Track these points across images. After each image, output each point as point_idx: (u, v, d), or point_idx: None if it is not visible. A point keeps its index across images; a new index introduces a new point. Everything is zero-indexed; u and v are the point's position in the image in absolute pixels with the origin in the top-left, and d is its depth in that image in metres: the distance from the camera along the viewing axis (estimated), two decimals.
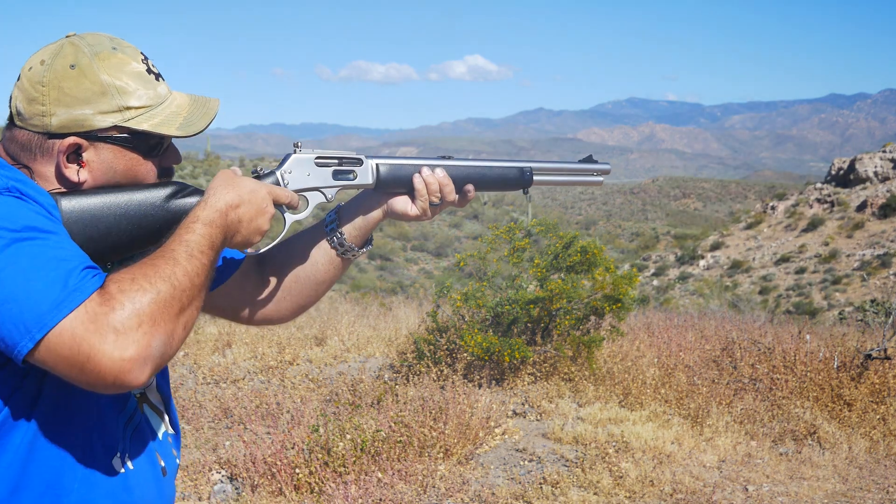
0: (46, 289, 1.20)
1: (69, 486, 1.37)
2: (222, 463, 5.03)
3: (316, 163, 1.63)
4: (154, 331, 1.23)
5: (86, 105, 1.39)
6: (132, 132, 1.43)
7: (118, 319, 1.20)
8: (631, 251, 52.97)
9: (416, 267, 38.02)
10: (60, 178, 1.41)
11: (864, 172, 43.16)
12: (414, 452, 5.07)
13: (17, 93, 1.42)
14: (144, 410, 1.53)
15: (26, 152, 1.41)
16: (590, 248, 7.25)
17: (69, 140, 1.39)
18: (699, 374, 7.06)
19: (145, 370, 1.22)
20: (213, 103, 1.53)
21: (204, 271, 1.33)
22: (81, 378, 1.21)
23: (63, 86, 1.38)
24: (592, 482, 4.99)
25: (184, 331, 1.29)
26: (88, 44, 1.42)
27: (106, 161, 1.43)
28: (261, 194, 1.47)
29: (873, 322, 9.56)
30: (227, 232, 1.42)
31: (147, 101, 1.44)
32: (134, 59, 1.44)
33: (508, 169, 1.77)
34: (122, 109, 1.41)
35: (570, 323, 7.02)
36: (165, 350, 1.25)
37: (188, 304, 1.29)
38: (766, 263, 40.71)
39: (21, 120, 1.41)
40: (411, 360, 7.07)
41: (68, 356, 1.19)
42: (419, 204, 1.69)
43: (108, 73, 1.40)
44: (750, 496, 5.06)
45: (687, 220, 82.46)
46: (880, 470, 5.67)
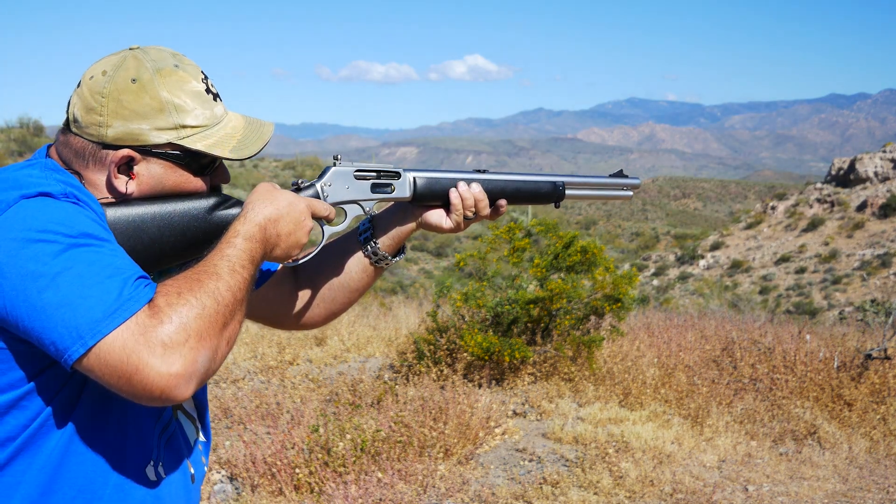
0: (102, 296, 1.20)
1: (101, 491, 1.37)
2: (222, 463, 5.03)
3: (355, 176, 1.65)
4: (200, 346, 1.23)
5: (143, 120, 1.40)
6: (185, 150, 1.44)
7: (166, 333, 1.21)
8: (631, 251, 52.96)
9: (416, 267, 38.01)
10: (109, 187, 1.42)
11: (864, 172, 43.16)
12: (414, 452, 5.06)
13: (76, 99, 1.43)
14: (179, 418, 1.54)
15: (79, 159, 1.42)
16: (590, 248, 7.25)
17: (123, 152, 1.40)
18: (699, 374, 7.06)
19: (190, 385, 1.23)
20: (267, 128, 1.55)
21: (245, 285, 1.34)
22: (127, 389, 1.21)
23: (122, 99, 1.39)
24: (592, 482, 4.99)
25: (227, 346, 1.30)
26: (151, 59, 1.43)
27: (156, 175, 1.44)
28: (299, 208, 1.48)
29: (873, 322, 9.56)
30: (267, 246, 1.42)
31: (203, 120, 1.44)
32: (194, 78, 1.45)
33: (542, 183, 1.79)
34: (178, 127, 1.42)
35: (570, 323, 7.02)
36: (210, 365, 1.26)
37: (230, 319, 1.30)
38: (766, 263, 40.71)
39: (77, 127, 1.42)
40: (411, 360, 7.07)
41: (117, 367, 1.20)
42: (454, 218, 1.70)
43: (167, 90, 1.41)
44: (750, 496, 5.06)
45: (687, 220, 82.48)
46: (880, 470, 5.67)
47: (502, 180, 1.75)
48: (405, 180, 1.68)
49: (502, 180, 1.75)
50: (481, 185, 1.72)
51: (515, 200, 1.77)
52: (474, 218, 1.72)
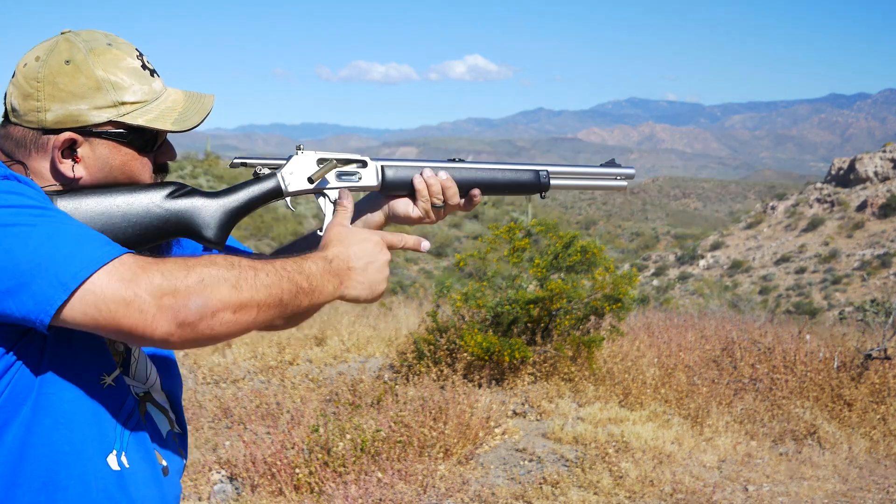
0: (84, 241, 1.22)
1: (65, 482, 1.36)
2: (222, 463, 5.03)
3: (318, 163, 1.61)
4: (198, 288, 1.23)
5: (80, 100, 1.39)
6: (127, 127, 1.42)
7: (167, 267, 1.22)
8: (631, 251, 52.97)
9: (416, 267, 38.00)
10: (56, 173, 1.41)
11: (864, 172, 43.16)
12: (414, 452, 5.06)
13: (11, 89, 1.42)
14: (148, 409, 1.51)
15: (21, 149, 1.41)
16: (590, 247, 7.25)
17: (64, 135, 1.39)
18: (699, 374, 7.06)
19: (173, 323, 1.22)
20: (207, 99, 1.53)
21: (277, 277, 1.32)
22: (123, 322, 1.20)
23: (58, 81, 1.38)
24: (592, 482, 4.99)
25: (233, 313, 1.26)
26: (84, 40, 1.42)
27: (101, 156, 1.42)
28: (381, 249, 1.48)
29: (873, 322, 9.56)
30: (341, 282, 1.42)
31: (142, 96, 1.43)
32: (129, 55, 1.44)
33: (522, 172, 1.73)
34: (117, 105, 1.41)
35: (570, 323, 7.02)
36: (202, 314, 1.23)
37: (246, 288, 1.27)
38: (766, 263, 40.71)
39: (16, 116, 1.41)
40: (411, 360, 7.07)
41: (114, 298, 1.19)
42: (420, 206, 1.67)
43: (102, 68, 1.40)
44: (750, 496, 5.06)
45: (687, 220, 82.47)
46: (880, 470, 5.67)
47: (476, 169, 1.70)
48: (372, 168, 1.64)
49: (476, 169, 1.70)
50: (452, 174, 1.68)
51: (493, 191, 1.71)
52: (445, 207, 1.67)
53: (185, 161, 45.84)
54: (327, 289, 1.39)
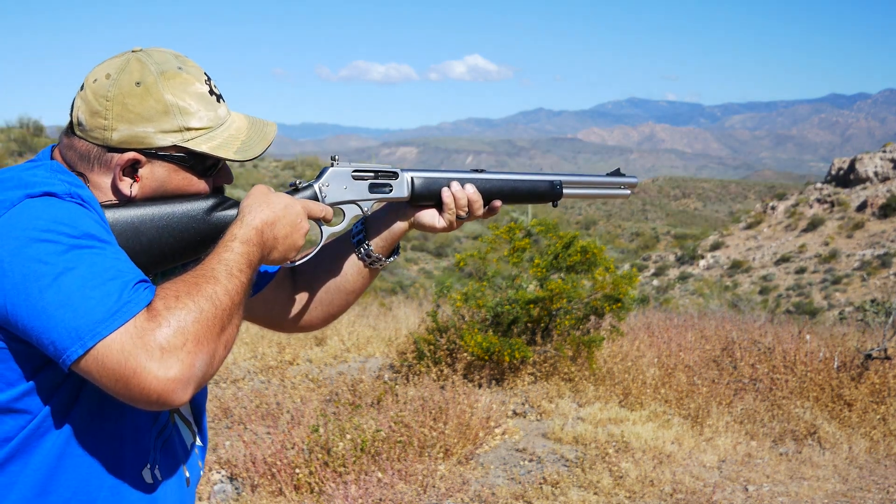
0: (102, 298, 1.21)
1: (96, 494, 1.37)
2: (222, 463, 5.03)
3: (353, 176, 1.65)
4: (198, 350, 1.23)
5: (148, 123, 1.40)
6: (190, 153, 1.44)
7: (164, 337, 1.21)
8: (631, 251, 52.96)
9: (416, 267, 38.01)
10: (114, 189, 1.43)
11: (864, 172, 43.17)
12: (414, 452, 5.06)
13: (79, 103, 1.43)
14: (175, 422, 1.54)
15: (84, 161, 1.42)
16: (590, 248, 7.25)
17: (128, 155, 1.40)
18: (699, 374, 7.06)
19: (188, 390, 1.23)
20: (270, 128, 1.55)
21: (242, 289, 1.34)
22: (124, 393, 1.22)
23: (127, 102, 1.39)
24: (592, 482, 4.99)
25: (224, 350, 1.30)
26: (155, 61, 1.43)
27: (160, 178, 1.44)
28: (295, 210, 1.48)
29: (873, 322, 9.56)
30: (264, 249, 1.43)
31: (207, 122, 1.44)
32: (198, 80, 1.45)
33: (540, 183, 1.78)
34: (183, 130, 1.42)
35: (570, 323, 7.02)
36: (207, 370, 1.26)
37: (228, 323, 1.30)
38: (766, 263, 40.71)
39: (81, 130, 1.42)
40: (411, 360, 7.07)
41: (115, 369, 1.20)
42: (446, 217, 1.69)
43: (171, 92, 1.41)
44: (750, 496, 5.06)
45: (687, 220, 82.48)
46: (880, 470, 5.67)
47: (499, 180, 1.75)
48: (403, 180, 1.67)
49: (499, 180, 1.75)
50: (477, 185, 1.71)
51: (512, 200, 1.77)
52: (467, 217, 1.71)
53: None
54: (259, 263, 1.42)
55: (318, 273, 1.75)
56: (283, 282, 1.76)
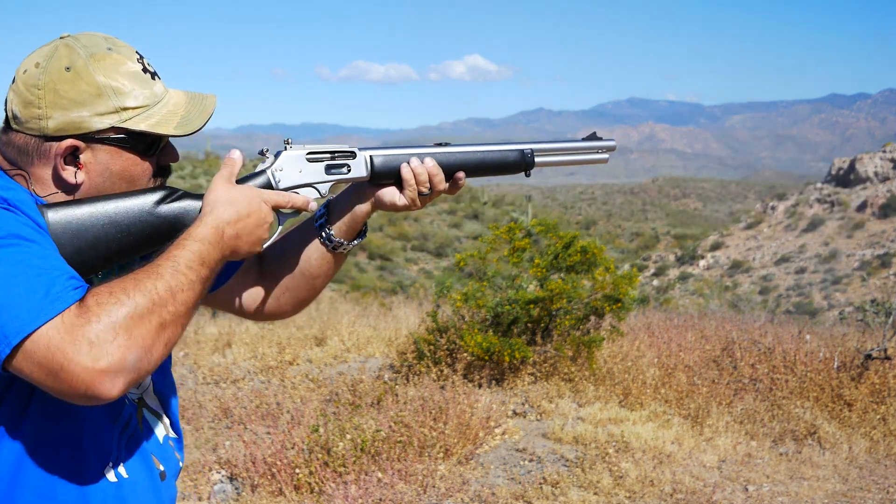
0: (27, 295, 1.19)
1: (62, 497, 1.37)
2: (222, 463, 5.03)
3: (307, 158, 1.60)
4: (129, 344, 1.21)
5: (82, 107, 1.38)
6: (129, 133, 1.41)
7: (93, 331, 1.19)
8: (631, 251, 52.96)
9: (416, 267, 38.01)
10: (58, 180, 1.40)
11: (864, 172, 43.18)
12: (414, 452, 5.06)
13: (12, 96, 1.41)
14: (144, 415, 1.52)
15: (23, 156, 1.40)
16: (590, 248, 7.25)
17: (66, 143, 1.38)
18: (699, 374, 7.06)
19: (117, 382, 1.20)
20: (209, 100, 1.52)
21: (190, 287, 1.31)
22: (55, 386, 1.20)
23: (59, 88, 1.37)
24: (592, 482, 4.99)
25: (164, 347, 1.27)
26: (83, 45, 1.41)
27: (103, 162, 1.42)
28: (259, 206, 1.45)
29: (873, 322, 9.55)
30: (224, 248, 1.40)
31: (143, 100, 1.42)
32: (129, 59, 1.43)
33: (508, 153, 1.71)
34: (119, 110, 1.40)
35: (570, 323, 7.02)
36: (141, 364, 1.23)
37: (170, 321, 1.27)
38: (766, 263, 40.72)
39: (17, 123, 1.40)
40: (411, 360, 7.07)
41: (42, 363, 1.18)
42: (407, 194, 1.64)
43: (103, 74, 1.39)
44: (750, 496, 5.06)
45: (687, 220, 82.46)
46: (880, 470, 5.67)
47: (464, 152, 1.68)
48: (361, 159, 1.62)
49: (464, 152, 1.68)
50: (439, 159, 1.65)
51: (480, 173, 1.69)
52: (430, 194, 1.66)
53: (185, 161, 45.84)
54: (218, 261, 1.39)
55: (283, 259, 1.72)
56: (249, 270, 1.73)
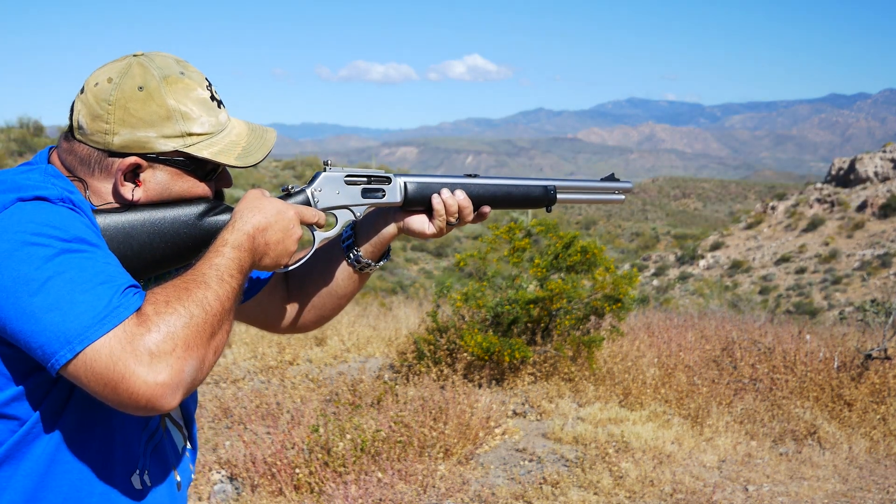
0: (92, 302, 1.20)
1: (87, 500, 1.37)
2: (222, 463, 5.03)
3: (345, 181, 1.64)
4: (187, 355, 1.23)
5: (150, 127, 1.39)
6: (191, 158, 1.44)
7: (153, 342, 1.20)
8: (631, 251, 52.97)
9: (416, 267, 38.01)
10: (116, 194, 1.42)
11: (865, 172, 43.18)
12: (414, 452, 5.06)
13: (80, 106, 1.42)
14: (167, 426, 1.54)
15: (84, 166, 1.42)
16: (590, 248, 7.25)
17: (130, 160, 1.40)
18: (699, 374, 7.06)
19: (177, 395, 1.22)
20: (270, 134, 1.55)
21: (233, 295, 1.34)
22: (113, 398, 1.21)
23: (129, 107, 1.39)
24: (592, 482, 4.99)
25: (214, 355, 1.29)
26: (157, 66, 1.43)
27: (161, 182, 1.44)
28: (288, 216, 1.47)
29: (873, 322, 9.55)
30: (255, 255, 1.43)
31: (209, 128, 1.44)
32: (200, 86, 1.45)
33: (533, 188, 1.76)
34: (185, 135, 1.42)
35: (570, 323, 7.02)
36: (197, 375, 1.25)
37: (218, 329, 1.29)
38: (766, 263, 40.72)
39: (82, 134, 1.41)
40: (411, 360, 7.07)
41: (103, 374, 1.19)
42: (436, 223, 1.68)
43: (174, 97, 1.41)
44: (750, 496, 5.06)
45: (687, 220, 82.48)
46: (880, 470, 5.67)
47: (493, 185, 1.73)
48: (396, 185, 1.66)
49: (493, 185, 1.73)
50: (469, 191, 1.70)
51: (505, 206, 1.75)
52: (457, 223, 1.70)
53: None
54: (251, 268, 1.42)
55: (310, 277, 1.75)
56: (277, 286, 1.77)
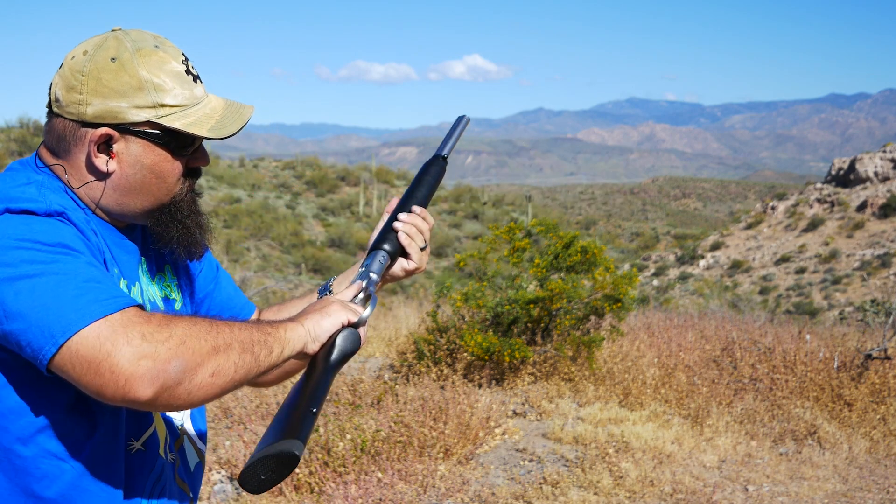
0: (76, 298, 1.21)
1: None
2: (222, 463, 5.03)
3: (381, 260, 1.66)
4: (179, 351, 1.21)
5: (122, 98, 1.42)
6: (164, 129, 1.45)
7: (148, 328, 1.21)
8: (631, 251, 52.98)
9: None
10: (90, 167, 1.44)
11: (864, 172, 43.18)
12: (414, 452, 5.07)
13: (57, 80, 1.45)
14: (184, 443, 1.57)
15: (62, 142, 1.45)
16: (590, 248, 7.25)
17: (102, 130, 1.42)
18: (699, 374, 7.06)
19: (153, 387, 1.19)
20: (246, 109, 1.56)
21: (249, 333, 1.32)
22: (94, 381, 1.20)
23: (102, 77, 1.41)
24: (592, 482, 4.99)
25: (211, 375, 1.25)
26: (132, 39, 1.46)
27: (134, 154, 1.45)
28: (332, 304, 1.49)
29: (873, 322, 9.56)
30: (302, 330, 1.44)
31: (182, 100, 1.46)
32: (175, 59, 1.47)
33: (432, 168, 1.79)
34: (157, 106, 1.43)
35: (570, 323, 7.02)
36: (181, 377, 1.21)
37: (222, 346, 1.27)
38: (766, 263, 40.73)
39: (58, 107, 1.44)
40: (411, 360, 7.07)
41: (87, 355, 1.19)
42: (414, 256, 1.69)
43: (147, 69, 1.43)
44: (750, 496, 5.06)
45: (687, 220, 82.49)
46: (880, 470, 5.67)
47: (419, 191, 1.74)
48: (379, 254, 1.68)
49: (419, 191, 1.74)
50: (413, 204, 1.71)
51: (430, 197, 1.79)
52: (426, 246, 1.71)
53: None
54: (293, 333, 1.40)
55: None
56: None
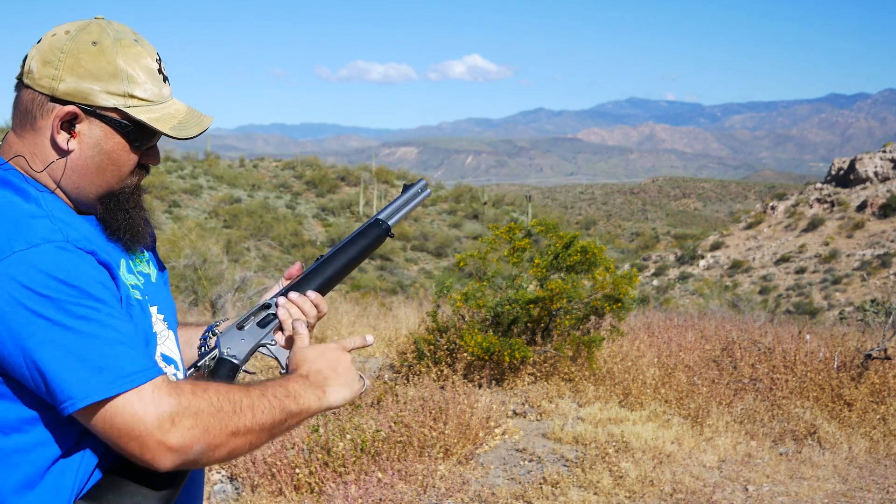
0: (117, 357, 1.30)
1: None
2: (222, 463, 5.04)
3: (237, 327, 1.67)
4: (201, 436, 1.32)
5: (95, 81, 1.44)
6: (129, 119, 1.48)
7: (177, 410, 1.30)
8: (631, 251, 52.98)
9: (416, 267, 38.02)
10: (52, 143, 1.46)
11: (864, 172, 43.18)
12: (414, 452, 5.07)
13: (34, 53, 1.47)
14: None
15: (27, 117, 1.46)
16: (590, 248, 7.25)
17: (69, 108, 1.44)
18: (699, 374, 7.06)
19: (175, 462, 1.31)
20: (206, 119, 1.60)
21: (271, 412, 1.41)
22: (123, 447, 1.31)
23: (81, 57, 1.44)
24: (592, 482, 4.99)
25: (227, 454, 1.37)
26: (114, 29, 1.49)
27: (95, 137, 1.47)
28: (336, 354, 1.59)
29: (873, 322, 9.56)
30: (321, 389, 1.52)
31: (151, 96, 1.49)
32: (150, 56, 1.51)
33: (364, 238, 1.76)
34: (127, 96, 1.46)
35: (570, 323, 7.02)
36: (201, 458, 1.33)
37: (242, 431, 1.37)
38: (766, 263, 40.72)
39: (30, 78, 1.46)
40: (411, 360, 7.07)
41: (121, 428, 1.29)
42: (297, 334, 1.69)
43: (124, 59, 1.47)
44: (750, 496, 5.06)
45: (687, 220, 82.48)
46: (880, 470, 5.67)
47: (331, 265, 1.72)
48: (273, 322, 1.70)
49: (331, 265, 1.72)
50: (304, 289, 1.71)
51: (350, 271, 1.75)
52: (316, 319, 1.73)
53: (186, 161, 45.81)
54: (313, 404, 1.50)
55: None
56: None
